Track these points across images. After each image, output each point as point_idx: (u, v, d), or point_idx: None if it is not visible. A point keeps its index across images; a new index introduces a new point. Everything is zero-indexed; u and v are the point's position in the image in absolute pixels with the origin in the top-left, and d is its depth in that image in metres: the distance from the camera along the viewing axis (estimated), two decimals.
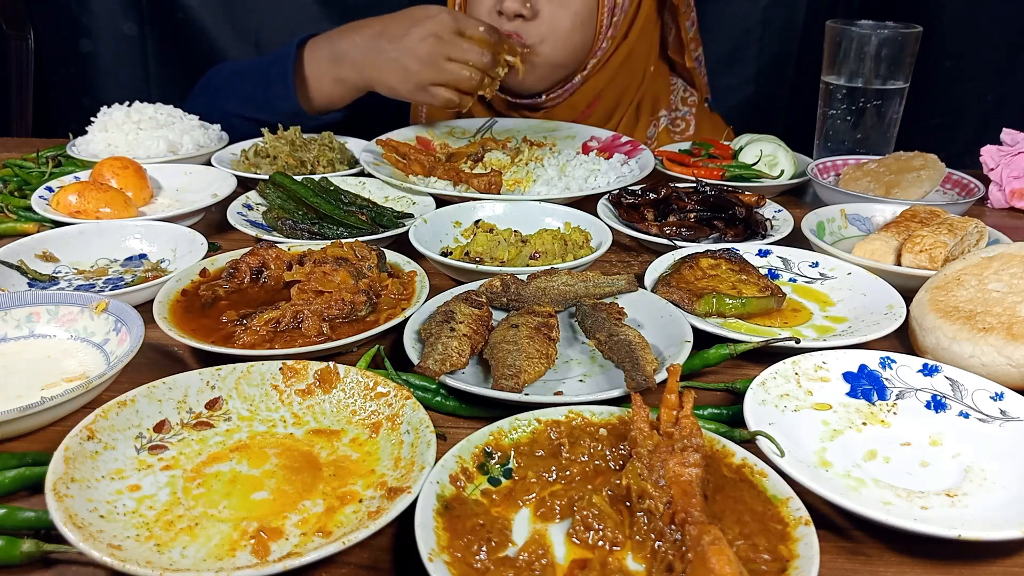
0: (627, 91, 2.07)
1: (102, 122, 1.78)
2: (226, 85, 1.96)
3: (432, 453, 0.77)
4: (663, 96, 2.14)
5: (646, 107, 2.11)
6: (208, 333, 1.02)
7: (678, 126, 2.13)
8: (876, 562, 0.73)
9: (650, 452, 0.75)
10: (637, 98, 2.09)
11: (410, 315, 1.05)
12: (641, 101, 2.10)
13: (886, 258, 1.26)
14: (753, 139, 1.74)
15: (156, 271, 1.26)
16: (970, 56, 2.51)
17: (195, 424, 0.86)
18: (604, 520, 0.71)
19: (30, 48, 2.68)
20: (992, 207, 1.68)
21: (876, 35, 1.72)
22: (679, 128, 2.13)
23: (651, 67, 2.09)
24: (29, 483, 0.78)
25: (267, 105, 1.80)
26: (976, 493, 0.80)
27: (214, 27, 2.71)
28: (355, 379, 0.90)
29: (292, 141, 1.70)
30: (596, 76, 1.97)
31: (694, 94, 2.16)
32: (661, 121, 2.12)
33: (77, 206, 1.41)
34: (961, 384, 0.92)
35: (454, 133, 1.93)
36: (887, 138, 1.82)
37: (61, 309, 1.05)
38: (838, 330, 1.11)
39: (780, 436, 0.80)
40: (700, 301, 1.10)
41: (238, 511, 0.75)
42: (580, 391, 0.96)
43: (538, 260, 1.28)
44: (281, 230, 1.38)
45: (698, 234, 1.37)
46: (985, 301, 1.03)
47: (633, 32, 1.97)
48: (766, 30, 2.82)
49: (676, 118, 2.14)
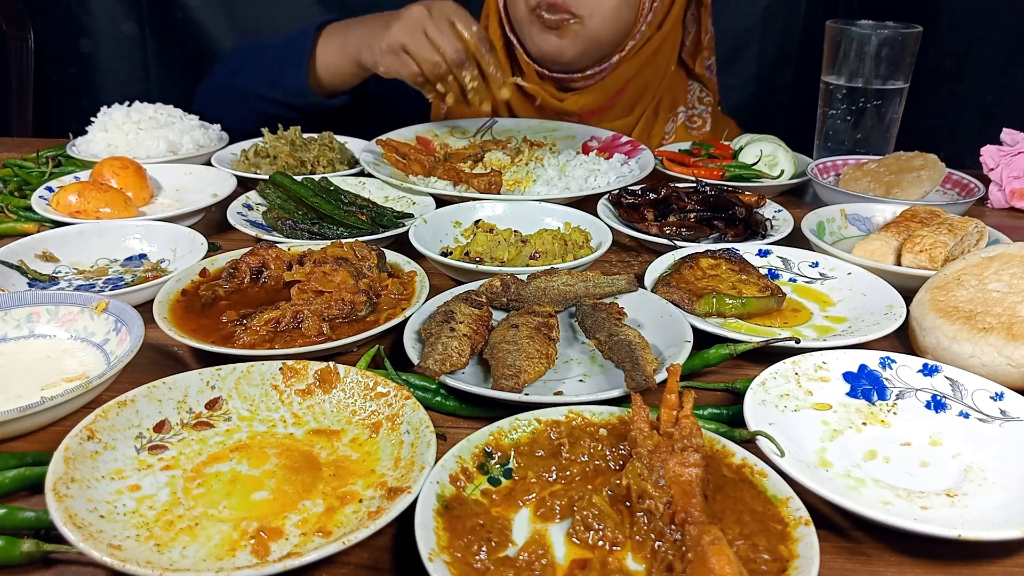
0: (650, 85, 2.09)
1: (102, 122, 1.78)
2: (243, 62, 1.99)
3: (432, 453, 0.77)
4: (681, 95, 2.18)
5: (665, 103, 2.15)
6: (208, 333, 1.02)
7: (695, 123, 2.17)
8: (876, 562, 0.73)
9: (650, 452, 0.75)
10: (658, 95, 2.12)
11: (410, 315, 1.05)
12: (661, 98, 2.14)
13: (886, 258, 1.26)
14: (753, 139, 1.74)
15: (156, 271, 1.26)
16: (970, 56, 2.51)
17: (195, 424, 0.86)
18: (604, 520, 0.71)
19: (30, 48, 2.68)
20: (992, 207, 1.68)
21: (876, 35, 1.72)
22: (696, 125, 2.17)
23: (672, 66, 2.12)
24: (29, 483, 0.78)
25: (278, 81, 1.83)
26: (976, 493, 0.80)
27: (214, 27, 2.71)
28: (355, 379, 0.90)
29: (292, 141, 1.70)
30: (630, 61, 2.00)
31: (710, 95, 2.20)
32: (679, 117, 2.16)
33: (77, 206, 1.41)
34: (961, 384, 0.92)
35: (454, 133, 1.93)
36: (887, 138, 1.82)
37: (61, 309, 1.05)
38: (838, 330, 1.11)
39: (780, 436, 0.80)
40: (700, 301, 1.10)
41: (238, 511, 0.75)
42: (580, 391, 0.96)
43: (538, 260, 1.28)
44: (281, 230, 1.38)
45: (698, 234, 1.37)
46: (985, 301, 1.03)
47: (667, 24, 2.00)
48: (766, 30, 2.83)
49: (693, 115, 2.18)
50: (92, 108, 1.82)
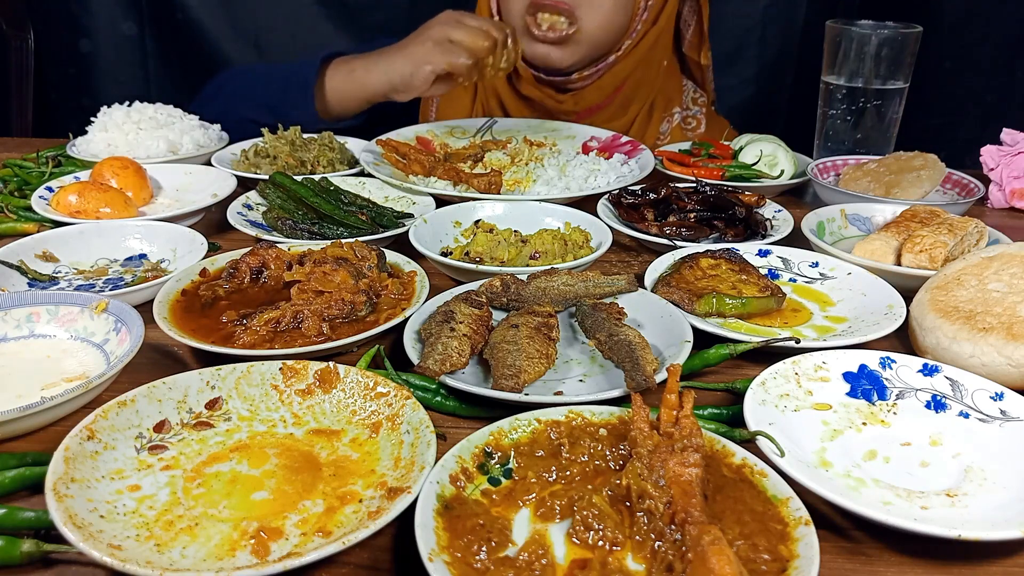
0: (644, 83, 2.10)
1: (102, 122, 1.78)
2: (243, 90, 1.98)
3: (432, 453, 0.77)
4: (676, 95, 2.19)
5: (660, 103, 2.16)
6: (208, 333, 1.02)
7: (689, 124, 2.19)
8: (876, 562, 0.73)
9: (650, 452, 0.75)
10: (652, 93, 2.13)
11: (410, 315, 1.05)
12: (656, 98, 2.14)
13: (886, 258, 1.26)
14: (753, 139, 1.74)
15: (156, 271, 1.26)
16: (970, 56, 2.51)
17: (195, 424, 0.86)
18: (604, 520, 0.71)
19: (30, 48, 2.68)
20: (992, 207, 1.68)
21: (876, 35, 1.72)
22: (691, 126, 2.19)
23: (665, 61, 2.13)
24: (29, 483, 0.78)
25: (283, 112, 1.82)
26: (976, 493, 0.80)
27: (214, 27, 2.72)
28: (355, 379, 0.90)
29: (292, 141, 1.70)
30: (627, 59, 2.01)
31: (704, 95, 2.20)
32: (675, 118, 2.18)
33: (77, 206, 1.41)
34: (961, 384, 0.92)
35: (454, 133, 1.93)
36: (887, 138, 1.82)
37: (61, 309, 1.05)
38: (838, 330, 1.11)
39: (780, 436, 0.80)
40: (700, 301, 1.10)
41: (238, 511, 0.75)
42: (580, 391, 0.96)
43: (538, 260, 1.28)
44: (281, 230, 1.38)
45: (698, 234, 1.37)
46: (985, 301, 1.03)
47: (662, 18, 2.01)
48: (766, 30, 2.83)
49: (688, 116, 2.19)
50: (92, 108, 1.82)
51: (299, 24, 2.71)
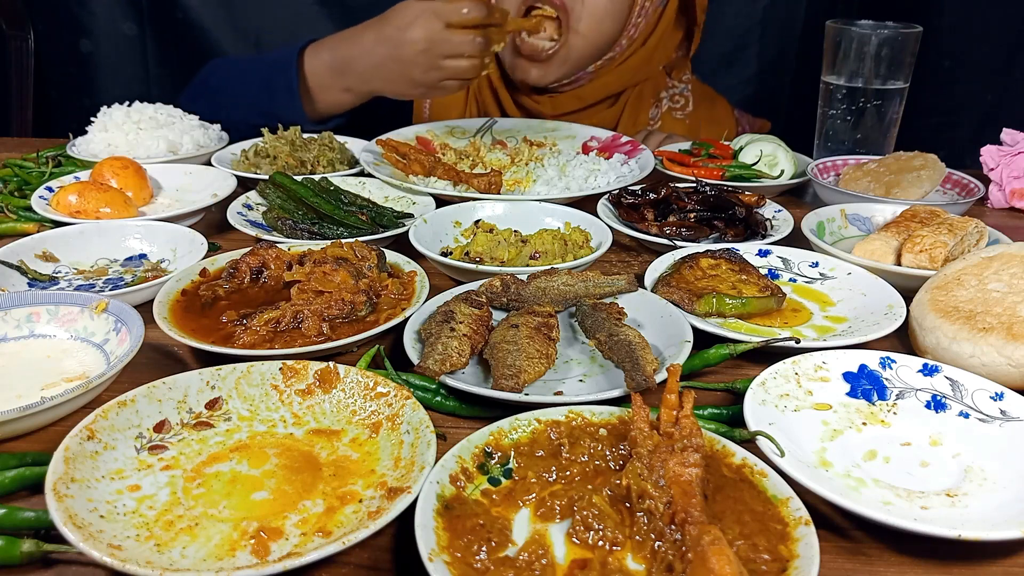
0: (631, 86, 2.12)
1: (102, 122, 1.78)
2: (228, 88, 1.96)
3: (432, 453, 0.77)
4: (660, 78, 2.20)
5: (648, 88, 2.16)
6: (208, 333, 1.02)
7: (678, 102, 2.19)
8: (876, 562, 0.73)
9: (650, 452, 0.75)
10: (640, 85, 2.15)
11: (410, 315, 1.05)
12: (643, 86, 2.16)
13: (886, 258, 1.26)
14: (753, 139, 1.74)
15: (156, 271, 1.26)
16: (970, 56, 2.51)
17: (195, 424, 0.86)
18: (604, 520, 0.71)
19: (30, 48, 2.68)
20: (992, 207, 1.68)
21: (876, 35, 1.72)
22: (679, 104, 2.19)
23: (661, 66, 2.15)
24: (29, 483, 0.78)
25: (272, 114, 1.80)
26: (976, 493, 0.80)
27: (214, 27, 2.71)
28: (355, 379, 0.90)
29: (292, 141, 1.70)
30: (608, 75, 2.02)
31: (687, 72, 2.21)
32: (663, 102, 2.18)
33: (77, 206, 1.41)
34: (961, 384, 0.92)
35: (454, 133, 1.93)
36: (887, 138, 1.82)
37: (61, 309, 1.05)
38: (838, 330, 1.11)
39: (780, 436, 0.80)
40: (700, 301, 1.10)
41: (238, 511, 0.75)
42: (580, 391, 0.96)
43: (538, 260, 1.28)
44: (281, 230, 1.38)
45: (698, 234, 1.37)
46: (985, 301, 1.03)
47: (652, 39, 2.02)
48: (766, 30, 2.83)
49: (675, 94, 2.20)
50: (92, 108, 1.82)
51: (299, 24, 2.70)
